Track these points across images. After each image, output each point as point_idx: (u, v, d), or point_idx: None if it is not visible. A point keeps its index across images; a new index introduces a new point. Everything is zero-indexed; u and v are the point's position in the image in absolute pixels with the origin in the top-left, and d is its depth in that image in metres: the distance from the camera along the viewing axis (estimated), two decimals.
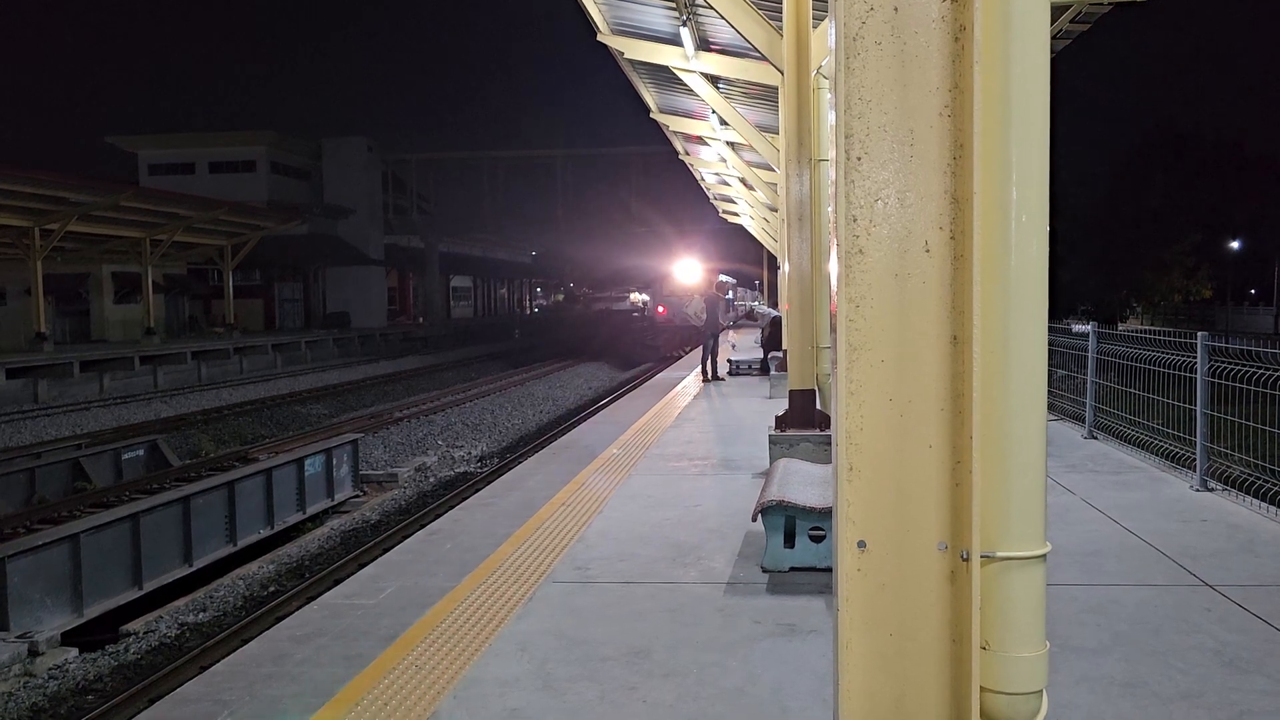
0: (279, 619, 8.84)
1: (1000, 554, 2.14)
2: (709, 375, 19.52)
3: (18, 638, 9.11)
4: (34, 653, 9.00)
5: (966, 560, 2.11)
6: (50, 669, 8.85)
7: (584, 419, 15.22)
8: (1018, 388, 2.15)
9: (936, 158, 2.12)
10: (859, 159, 2.14)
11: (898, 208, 2.14)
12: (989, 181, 2.10)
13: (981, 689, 2.12)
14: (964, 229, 2.10)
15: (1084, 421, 11.32)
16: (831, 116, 2.19)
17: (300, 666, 4.75)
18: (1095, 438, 10.98)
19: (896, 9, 2.11)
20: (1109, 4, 8.82)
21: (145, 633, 9.94)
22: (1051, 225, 2.20)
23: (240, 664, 4.83)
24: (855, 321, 2.16)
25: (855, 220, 2.15)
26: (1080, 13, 9.89)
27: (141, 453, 17.69)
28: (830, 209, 2.25)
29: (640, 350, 48.42)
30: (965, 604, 2.11)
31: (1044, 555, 2.17)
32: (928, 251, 2.14)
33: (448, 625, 5.27)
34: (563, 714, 4.17)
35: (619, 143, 70.27)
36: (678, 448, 11.17)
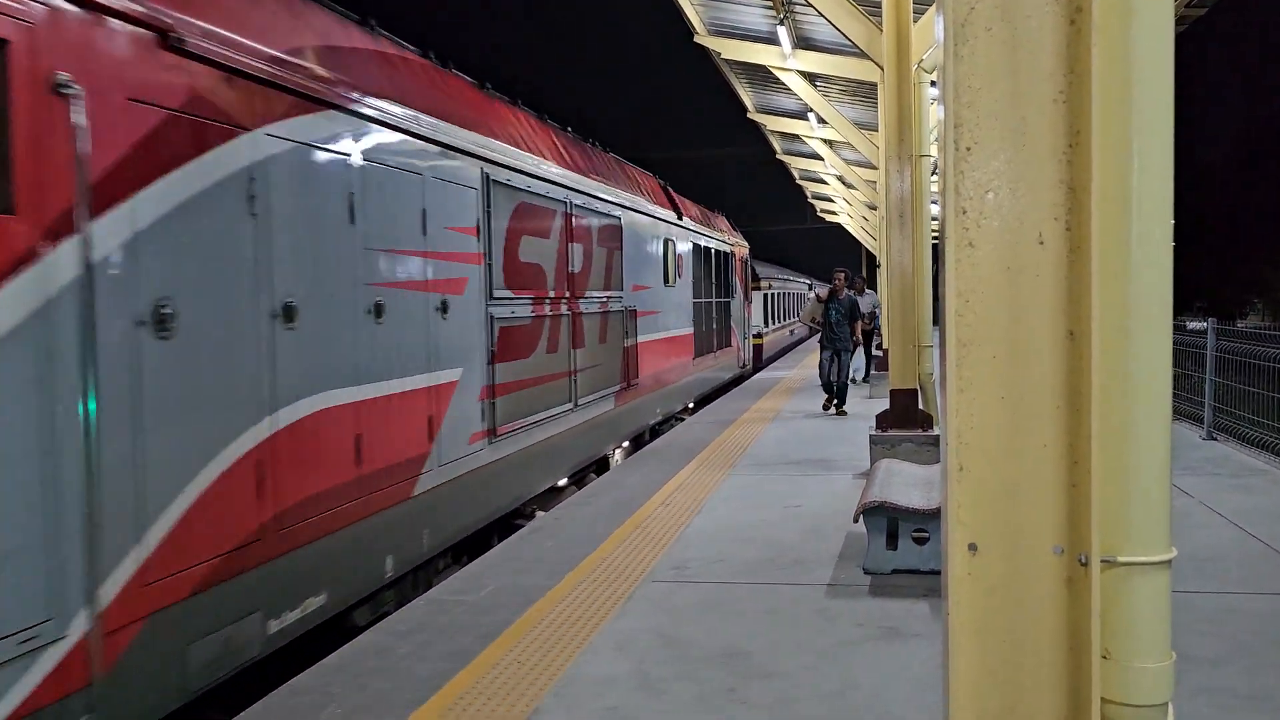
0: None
1: (1122, 559, 2.05)
2: (834, 405, 14.20)
3: None
4: None
5: (1085, 565, 2.03)
6: None
7: (680, 419, 15.23)
8: (1139, 384, 2.06)
9: (1050, 145, 2.04)
10: (968, 149, 2.07)
11: (1009, 198, 2.06)
12: (1107, 169, 2.01)
13: (1103, 700, 2.03)
14: (1081, 219, 2.02)
15: (1202, 422, 10.85)
16: (933, 111, 2.14)
17: (405, 661, 4.84)
18: (1214, 439, 10.52)
19: None
20: None
21: None
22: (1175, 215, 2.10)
23: (348, 657, 4.95)
24: (965, 316, 2.09)
25: (965, 213, 2.08)
26: None
27: None
28: (934, 204, 2.19)
29: None
30: (1084, 611, 2.03)
31: (1169, 561, 2.08)
32: (1041, 243, 2.06)
33: (548, 623, 5.31)
34: (660, 714, 4.16)
35: (715, 145, 70.19)
36: (776, 447, 11.08)
